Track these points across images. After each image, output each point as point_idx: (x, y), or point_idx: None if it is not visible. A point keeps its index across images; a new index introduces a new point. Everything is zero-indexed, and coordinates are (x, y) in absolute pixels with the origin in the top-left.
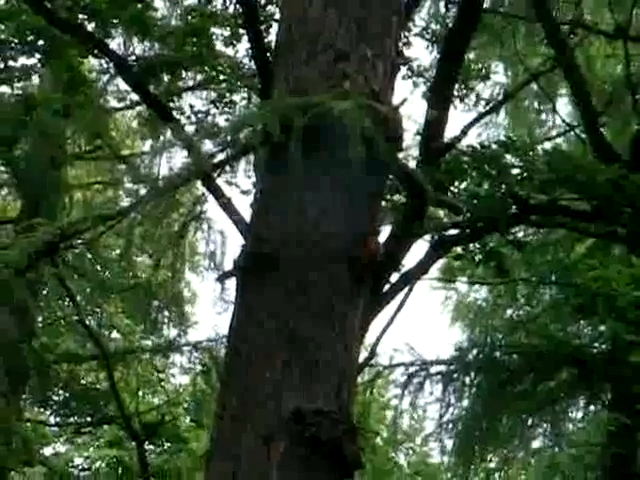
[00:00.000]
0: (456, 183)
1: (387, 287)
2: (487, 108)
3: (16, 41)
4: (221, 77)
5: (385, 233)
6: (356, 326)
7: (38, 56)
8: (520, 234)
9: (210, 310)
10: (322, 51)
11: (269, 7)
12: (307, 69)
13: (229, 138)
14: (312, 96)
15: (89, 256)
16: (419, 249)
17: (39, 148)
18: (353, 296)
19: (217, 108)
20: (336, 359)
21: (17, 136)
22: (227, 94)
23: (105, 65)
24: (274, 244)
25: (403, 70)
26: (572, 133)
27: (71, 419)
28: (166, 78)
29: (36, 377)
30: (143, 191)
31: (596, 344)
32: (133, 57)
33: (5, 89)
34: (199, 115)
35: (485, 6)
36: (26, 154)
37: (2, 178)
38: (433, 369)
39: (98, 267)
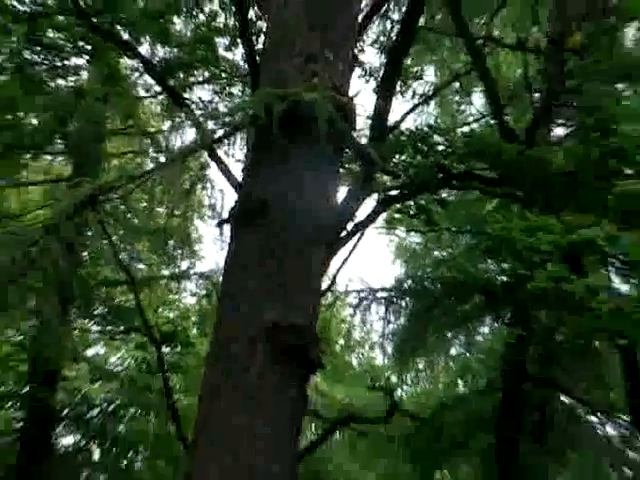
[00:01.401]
0: (397, 156)
1: (344, 233)
2: (420, 100)
3: (70, 46)
4: (222, 75)
5: (343, 192)
6: (320, 262)
7: (86, 57)
8: (444, 195)
9: (212, 247)
10: (297, 55)
11: (259, 22)
12: (285, 68)
13: (227, 120)
14: (289, 89)
15: (122, 207)
16: (369, 205)
17: (86, 126)
18: (318, 240)
19: (219, 98)
20: (306, 286)
21: (70, 117)
22: (227, 87)
23: (135, 64)
24: (259, 200)
25: (358, 70)
26: (484, 120)
27: (108, 328)
28: (181, 75)
29: (81, 297)
30: (162, 159)
31: (500, 277)
32: (157, 59)
33: (61, 82)
34: (205, 103)
35: (420, 24)
36: (76, 130)
37: (59, 148)
38: (378, 294)
39: (129, 215)
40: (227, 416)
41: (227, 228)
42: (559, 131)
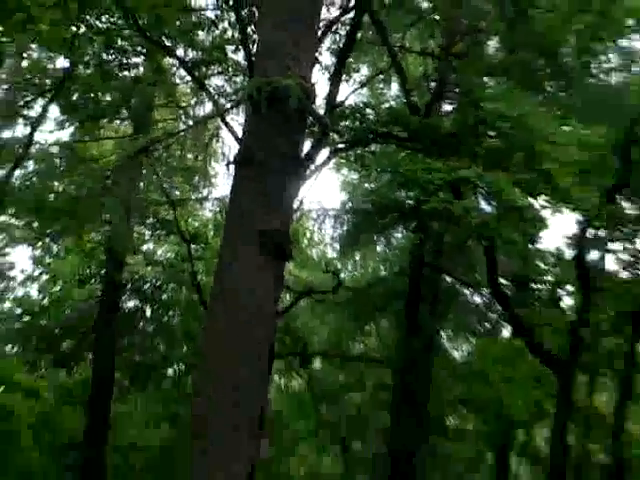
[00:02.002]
0: (342, 122)
1: (308, 171)
2: (358, 86)
3: (131, 49)
4: (229, 69)
5: (307, 145)
6: (293, 189)
7: (142, 57)
8: (373, 147)
9: (225, 180)
10: (278, 56)
11: (254, 35)
12: (270, 65)
13: (233, 97)
14: (272, 78)
15: (164, 154)
16: (324, 153)
17: (141, 100)
18: (291, 174)
19: (228, 84)
20: (283, 206)
21: (131, 95)
22: (232, 77)
23: (174, 62)
24: (252, 150)
25: (317, 67)
26: (398, 100)
27: (156, 232)
28: (203, 69)
29: (139, 211)
30: (190, 122)
31: (408, 201)
32: (187, 58)
33: (126, 73)
34: (218, 87)
35: (358, 37)
36: (135, 103)
37: (124, 115)
38: (330, 212)
39: (169, 159)
40: (231, 287)
41: (232, 168)
42: (447, 107)
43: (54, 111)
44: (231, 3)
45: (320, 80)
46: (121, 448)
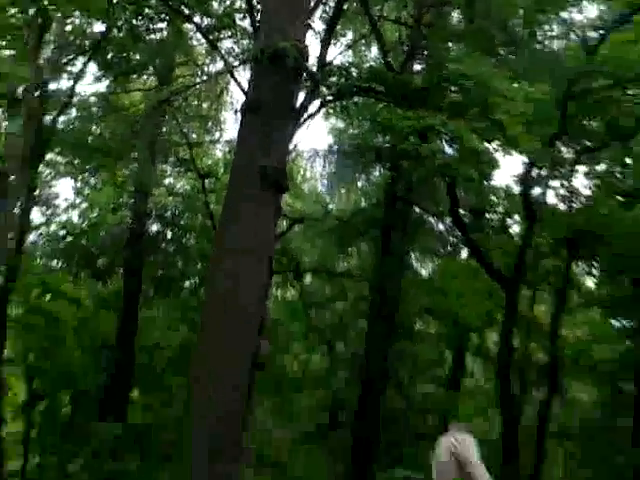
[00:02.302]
0: (330, 78)
1: (302, 119)
2: (344, 49)
3: (156, 16)
4: (238, 33)
5: (302, 97)
6: (288, 133)
7: (165, 22)
8: (356, 99)
9: (233, 125)
10: (278, 23)
11: (258, 5)
12: (271, 30)
13: (240, 56)
14: (273, 41)
15: (184, 103)
16: (315, 104)
17: (164, 59)
18: (287, 119)
19: (237, 45)
20: (282, 147)
21: (156, 55)
22: (240, 40)
23: (192, 27)
24: (256, 101)
25: (310, 32)
26: (378, 60)
27: (176, 169)
28: (216, 33)
29: (162, 152)
30: (204, 77)
31: (385, 145)
32: (203, 24)
33: (152, 36)
34: (229, 48)
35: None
36: (159, 61)
37: (151, 72)
38: (320, 153)
39: (187, 109)
40: (237, 215)
41: (239, 115)
42: (417, 67)
43: (92, 68)
44: None
45: (312, 43)
46: (147, 347)
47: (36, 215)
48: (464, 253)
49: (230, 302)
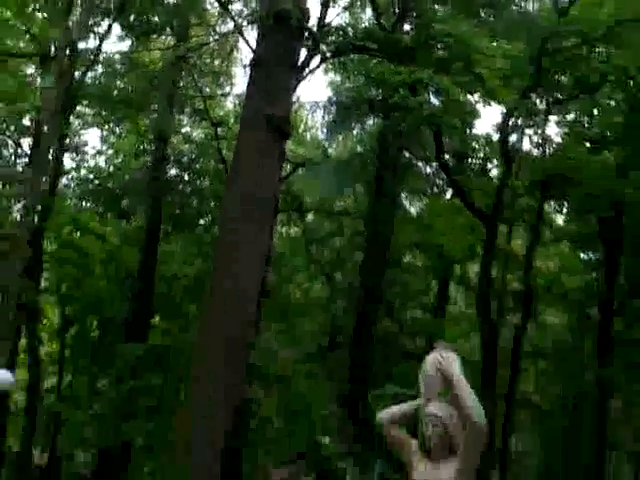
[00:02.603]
0: (329, 37)
1: (304, 73)
2: (341, 11)
3: None
4: None
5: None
6: (291, 85)
7: None
8: (352, 56)
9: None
10: None
11: None
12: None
13: (248, 17)
14: (280, 4)
15: (198, 61)
16: (316, 60)
17: (180, 20)
18: (291, 72)
19: (245, 8)
20: (284, 97)
21: (173, 16)
22: (248, 4)
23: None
24: (262, 57)
25: None
26: (372, 23)
27: (193, 119)
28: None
29: (178, 103)
30: (217, 37)
31: (378, 97)
32: None
33: (170, 0)
34: (237, 11)
35: None
36: (176, 22)
37: (169, 32)
38: (320, 104)
39: (201, 66)
40: (246, 159)
41: (248, 70)
42: (407, 27)
43: (116, 29)
44: None
45: (313, 5)
46: (166, 278)
47: (67, 161)
48: (449, 193)
49: (242, 238)
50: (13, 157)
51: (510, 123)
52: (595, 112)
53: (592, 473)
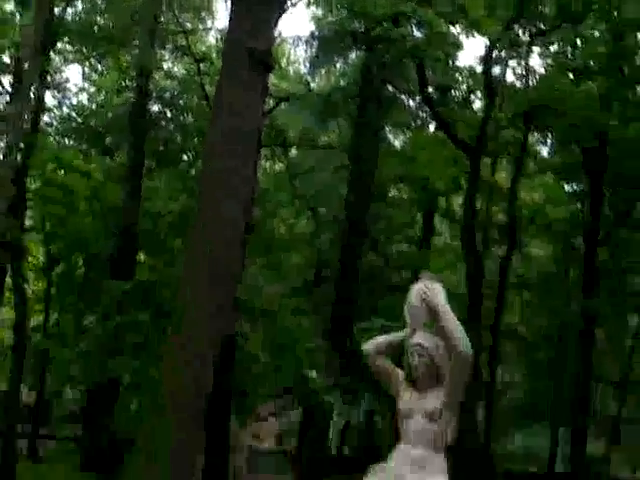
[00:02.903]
0: None
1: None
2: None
3: None
4: None
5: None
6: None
7: None
8: None
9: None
10: None
11: None
12: None
13: None
14: None
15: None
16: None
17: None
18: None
19: None
20: (268, 31)
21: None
22: None
23: None
24: None
25: None
26: None
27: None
28: None
29: (160, 38)
30: None
31: (361, 30)
32: None
33: None
34: None
35: None
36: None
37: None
38: (302, 38)
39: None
40: (229, 93)
41: (229, 5)
42: None
43: None
44: None
45: None
46: (150, 214)
47: (49, 99)
48: (432, 126)
49: (225, 172)
50: None
51: (493, 55)
52: (578, 42)
53: (577, 405)
